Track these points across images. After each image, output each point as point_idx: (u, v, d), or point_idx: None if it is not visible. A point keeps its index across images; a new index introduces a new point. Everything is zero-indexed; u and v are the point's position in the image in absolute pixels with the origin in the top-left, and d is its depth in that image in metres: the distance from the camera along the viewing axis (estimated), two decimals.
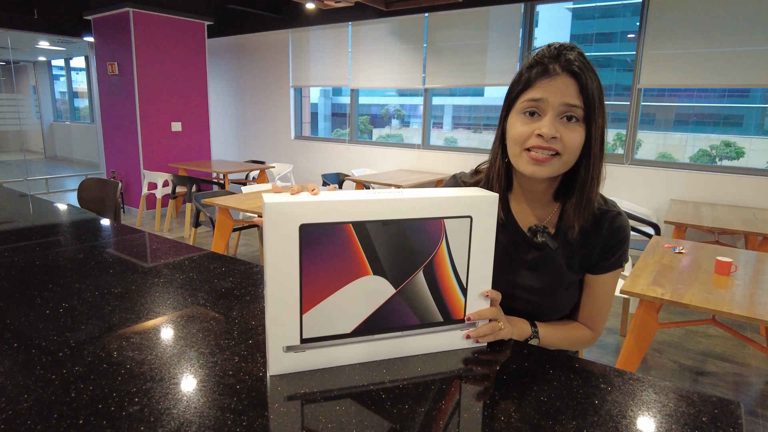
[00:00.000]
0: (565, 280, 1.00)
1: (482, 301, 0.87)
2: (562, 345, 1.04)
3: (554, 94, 0.86)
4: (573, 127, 0.87)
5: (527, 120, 0.89)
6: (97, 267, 1.29)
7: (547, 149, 0.87)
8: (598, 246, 0.98)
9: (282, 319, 0.76)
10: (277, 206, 0.72)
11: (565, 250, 0.99)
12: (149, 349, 0.86)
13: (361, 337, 0.80)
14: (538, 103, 0.88)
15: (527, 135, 0.88)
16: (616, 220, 0.98)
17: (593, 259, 0.99)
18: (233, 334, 0.92)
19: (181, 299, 1.09)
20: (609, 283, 1.02)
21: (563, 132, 0.87)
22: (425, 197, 0.79)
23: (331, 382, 0.77)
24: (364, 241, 0.76)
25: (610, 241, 0.98)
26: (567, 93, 0.86)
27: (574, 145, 0.87)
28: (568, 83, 0.86)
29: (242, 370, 0.79)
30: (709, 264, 2.14)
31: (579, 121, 0.87)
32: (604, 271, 1.00)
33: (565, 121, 0.87)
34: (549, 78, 0.87)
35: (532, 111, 0.89)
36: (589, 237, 0.98)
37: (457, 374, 0.81)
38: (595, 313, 1.05)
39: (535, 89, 0.88)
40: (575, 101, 0.86)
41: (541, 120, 0.88)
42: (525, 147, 0.89)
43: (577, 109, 0.86)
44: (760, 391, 2.41)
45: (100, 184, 2.53)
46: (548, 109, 0.87)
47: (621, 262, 1.00)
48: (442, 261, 0.82)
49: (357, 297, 0.78)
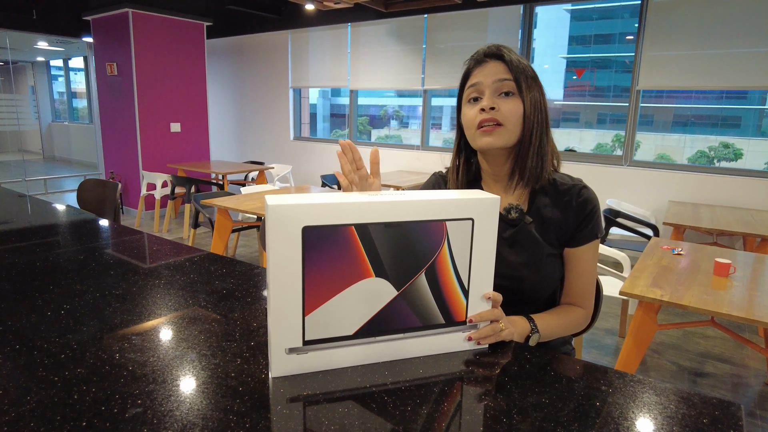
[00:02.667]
0: (543, 252, 1.08)
1: (484, 302, 0.87)
2: (561, 332, 1.08)
3: (487, 76, 1.04)
4: (509, 100, 1.03)
5: (473, 105, 1.06)
6: (98, 268, 1.29)
7: (490, 120, 1.02)
8: (570, 219, 1.08)
9: (284, 321, 0.76)
10: (279, 208, 0.72)
11: (540, 224, 1.09)
12: (151, 351, 0.86)
13: (363, 338, 0.80)
14: (476, 87, 1.04)
15: (475, 115, 1.04)
16: (581, 193, 1.08)
17: (568, 233, 1.08)
18: (235, 336, 0.92)
19: (182, 301, 1.09)
20: (588, 256, 1.09)
21: (500, 104, 1.02)
22: (427, 199, 0.79)
23: (333, 384, 0.77)
24: (366, 243, 0.77)
25: (580, 213, 1.07)
26: (497, 72, 1.03)
27: (512, 113, 1.02)
28: (497, 64, 1.04)
29: (244, 372, 0.79)
30: (708, 265, 2.15)
31: (514, 94, 1.03)
32: (580, 242, 1.08)
33: (502, 96, 1.03)
34: (481, 66, 1.06)
35: (475, 97, 1.05)
36: (560, 212, 1.08)
37: (458, 376, 0.81)
38: (580, 290, 1.10)
39: (473, 77, 1.06)
40: (505, 76, 1.03)
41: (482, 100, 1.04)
42: (476, 126, 1.04)
43: (509, 82, 1.02)
44: (759, 393, 2.42)
45: (99, 185, 2.53)
46: (485, 89, 1.04)
47: (595, 233, 1.08)
48: (444, 263, 0.82)
49: (359, 299, 0.79)
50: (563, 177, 1.12)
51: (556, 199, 1.09)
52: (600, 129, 7.67)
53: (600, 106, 7.96)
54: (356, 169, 0.97)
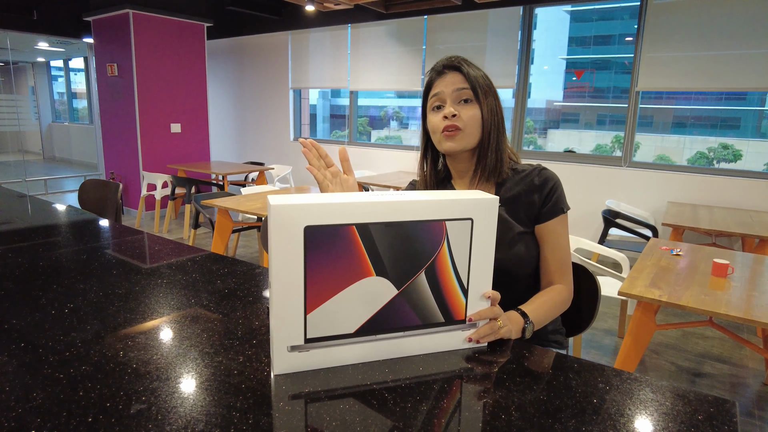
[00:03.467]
0: (514, 230, 1.16)
1: (483, 301, 0.88)
2: (551, 314, 1.12)
3: (447, 85, 1.14)
4: (468, 107, 1.13)
5: (437, 112, 1.16)
6: (100, 268, 1.30)
7: (452, 126, 1.12)
8: (535, 197, 1.16)
9: (286, 319, 0.77)
10: (282, 208, 0.73)
11: (507, 206, 1.18)
12: (155, 349, 0.87)
13: (364, 337, 0.82)
14: (439, 96, 1.15)
15: (438, 121, 1.14)
16: (542, 174, 1.18)
17: (535, 210, 1.17)
18: (237, 334, 0.93)
19: (185, 300, 1.10)
20: (558, 230, 1.17)
21: (461, 110, 1.13)
22: (427, 200, 0.80)
23: (334, 382, 0.78)
24: (367, 243, 0.78)
25: (542, 189, 1.16)
26: (456, 82, 1.14)
27: (471, 119, 1.12)
28: (455, 75, 1.14)
29: (247, 370, 0.80)
30: (706, 266, 2.16)
31: (472, 101, 1.13)
32: (548, 217, 1.16)
33: (462, 103, 1.14)
34: (441, 76, 1.16)
35: (438, 105, 1.16)
36: (524, 191, 1.17)
37: (458, 374, 0.82)
38: (557, 264, 1.16)
39: (435, 87, 1.16)
40: (463, 85, 1.13)
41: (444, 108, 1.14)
42: (440, 131, 1.14)
43: (467, 90, 1.13)
44: (757, 392, 2.43)
45: (101, 186, 2.54)
46: (446, 97, 1.14)
47: (560, 207, 1.16)
48: (443, 262, 0.83)
49: (360, 298, 0.80)
50: (523, 165, 1.22)
51: (519, 182, 1.19)
52: (599, 130, 7.69)
53: (599, 108, 7.97)
54: (326, 166, 1.08)
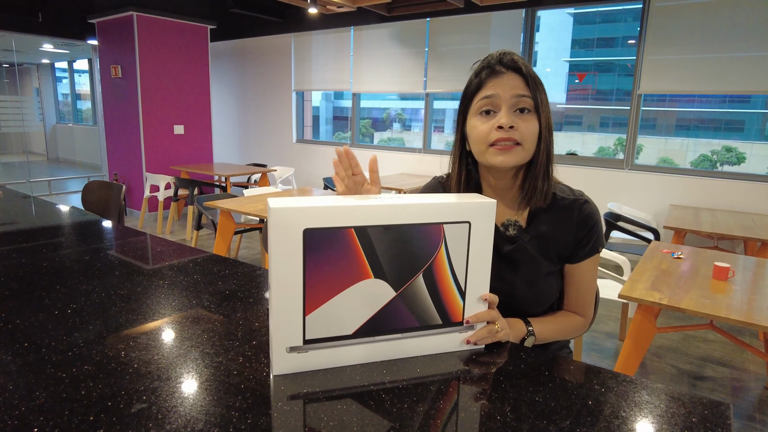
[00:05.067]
0: (542, 270, 1.04)
1: (480, 304, 0.89)
2: (558, 336, 1.07)
3: (504, 89, 0.95)
4: (526, 118, 0.96)
5: (485, 119, 0.98)
6: (103, 269, 1.32)
7: (508, 140, 0.95)
8: (571, 235, 1.04)
9: (286, 321, 0.78)
10: (282, 211, 0.74)
11: (539, 241, 1.05)
12: (156, 349, 0.88)
13: (362, 338, 0.83)
14: (491, 100, 0.96)
15: (488, 131, 0.96)
16: (584, 209, 1.04)
17: (569, 249, 1.05)
18: (237, 335, 0.94)
19: (186, 301, 1.12)
20: (589, 270, 1.07)
21: (519, 123, 0.95)
22: (425, 203, 0.81)
23: (332, 382, 0.79)
24: (365, 246, 0.79)
25: (581, 229, 1.03)
26: (516, 86, 0.95)
27: (531, 133, 0.96)
28: (515, 78, 0.96)
29: (247, 370, 0.81)
30: (707, 269, 2.16)
31: (531, 111, 0.96)
32: (581, 259, 1.05)
33: (518, 113, 0.96)
34: (497, 77, 0.97)
35: (488, 110, 0.97)
36: (560, 227, 1.04)
37: (455, 375, 0.83)
38: (581, 302, 1.09)
39: (487, 88, 0.97)
40: (524, 92, 0.95)
41: (497, 115, 0.96)
42: (489, 143, 0.97)
43: (527, 99, 0.96)
44: (758, 396, 2.43)
45: (104, 187, 2.56)
46: (501, 103, 0.96)
47: (597, 248, 1.06)
48: (441, 265, 0.84)
49: (358, 300, 0.81)
50: (563, 190, 1.07)
51: (556, 215, 1.04)
52: (603, 132, 7.69)
53: (602, 110, 7.98)
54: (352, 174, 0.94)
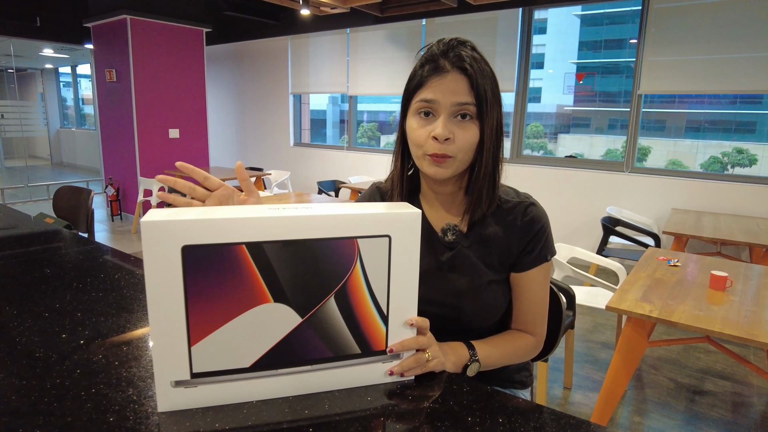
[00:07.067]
0: (484, 279, 0.95)
1: (406, 330, 0.77)
2: (506, 361, 0.96)
3: (445, 94, 0.86)
4: (466, 126, 0.87)
5: (423, 121, 0.89)
6: (77, 277, 1.22)
7: (441, 153, 0.87)
8: (515, 241, 0.94)
9: (168, 352, 0.67)
10: (154, 225, 0.63)
11: (480, 246, 0.95)
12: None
13: (263, 371, 0.71)
14: (430, 104, 0.87)
15: (424, 138, 0.88)
16: (528, 211, 0.94)
17: (513, 256, 0.95)
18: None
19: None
20: (538, 280, 0.96)
21: (457, 132, 0.86)
22: (335, 214, 0.70)
23: (228, 421, 0.68)
24: (261, 265, 0.68)
25: (525, 234, 0.94)
26: (458, 91, 0.85)
27: (467, 144, 0.87)
28: (459, 80, 0.86)
29: (131, 404, 0.70)
30: (705, 278, 2.03)
31: (473, 118, 0.87)
32: (527, 267, 0.95)
33: (459, 119, 0.87)
34: (440, 76, 0.86)
35: (426, 111, 0.88)
36: (503, 232, 0.95)
37: (372, 413, 0.71)
38: (531, 316, 0.97)
39: (427, 89, 0.87)
40: (466, 99, 0.85)
41: (435, 120, 0.87)
42: (424, 152, 0.89)
43: (469, 106, 0.86)
44: (761, 413, 2.27)
45: (74, 192, 2.49)
46: (441, 109, 0.86)
47: (545, 256, 0.95)
48: (356, 286, 0.73)
49: (255, 327, 0.69)
50: (508, 192, 0.98)
51: (499, 219, 0.95)
52: (610, 135, 7.52)
53: (609, 112, 7.80)
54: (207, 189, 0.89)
